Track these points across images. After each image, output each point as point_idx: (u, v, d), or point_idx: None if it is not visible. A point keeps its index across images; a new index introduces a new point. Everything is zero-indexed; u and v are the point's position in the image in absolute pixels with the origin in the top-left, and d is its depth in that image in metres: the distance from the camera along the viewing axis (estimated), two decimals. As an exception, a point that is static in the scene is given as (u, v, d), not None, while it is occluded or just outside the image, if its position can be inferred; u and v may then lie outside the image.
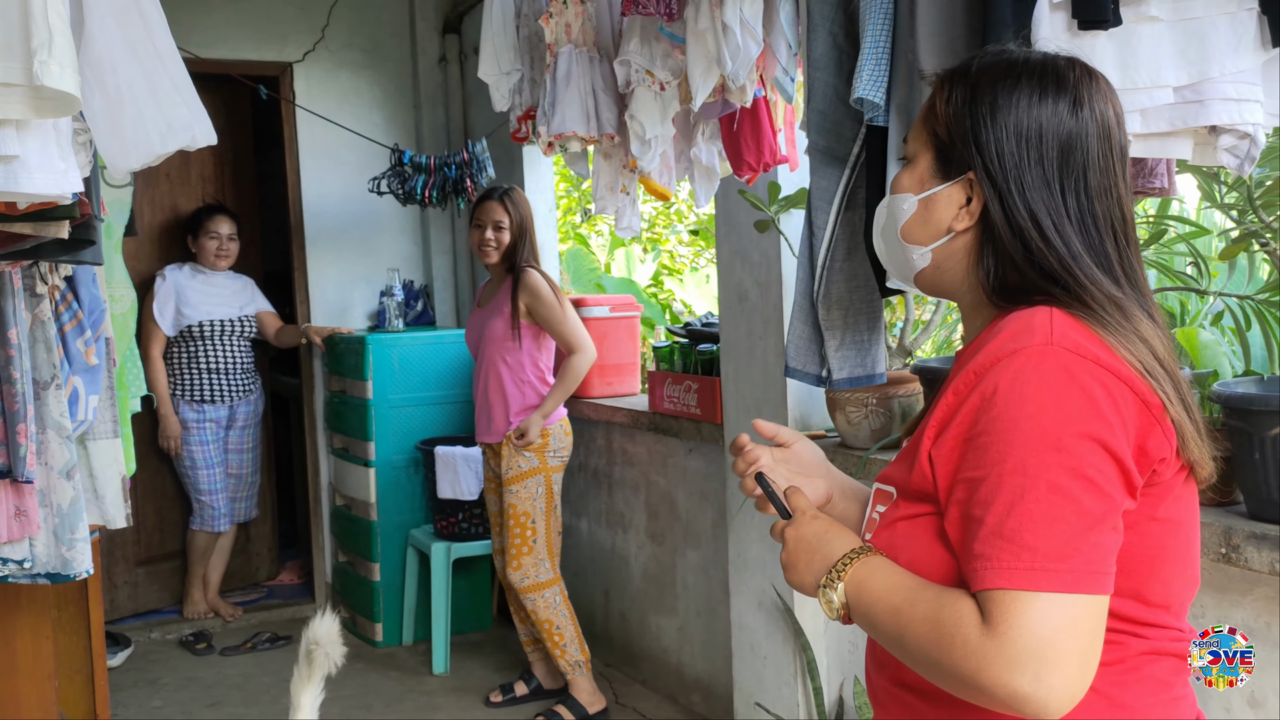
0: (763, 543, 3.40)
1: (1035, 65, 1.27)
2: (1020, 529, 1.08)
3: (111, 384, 2.97)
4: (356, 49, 5.41)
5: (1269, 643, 2.05)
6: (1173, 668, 1.22)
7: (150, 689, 4.47)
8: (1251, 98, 1.78)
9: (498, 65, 3.24)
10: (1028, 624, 1.05)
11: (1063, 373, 1.12)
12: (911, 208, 1.33)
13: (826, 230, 2.33)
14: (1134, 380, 1.15)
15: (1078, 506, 1.08)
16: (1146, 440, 1.14)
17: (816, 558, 1.28)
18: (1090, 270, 1.22)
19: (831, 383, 2.43)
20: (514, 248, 4.02)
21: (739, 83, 2.53)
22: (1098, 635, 1.09)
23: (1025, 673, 1.05)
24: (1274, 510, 1.99)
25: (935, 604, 1.13)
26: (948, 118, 1.29)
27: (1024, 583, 1.07)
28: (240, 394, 5.14)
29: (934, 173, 1.31)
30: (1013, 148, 1.24)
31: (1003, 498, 1.10)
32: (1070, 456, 1.09)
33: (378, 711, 4.18)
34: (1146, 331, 1.20)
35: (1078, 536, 1.08)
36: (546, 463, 3.99)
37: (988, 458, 1.12)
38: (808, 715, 3.32)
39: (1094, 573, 1.08)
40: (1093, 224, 1.24)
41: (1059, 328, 1.17)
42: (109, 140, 1.83)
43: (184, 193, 5.37)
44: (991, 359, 1.17)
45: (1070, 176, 1.24)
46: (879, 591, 1.20)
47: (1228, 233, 2.71)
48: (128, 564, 5.18)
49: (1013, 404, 1.12)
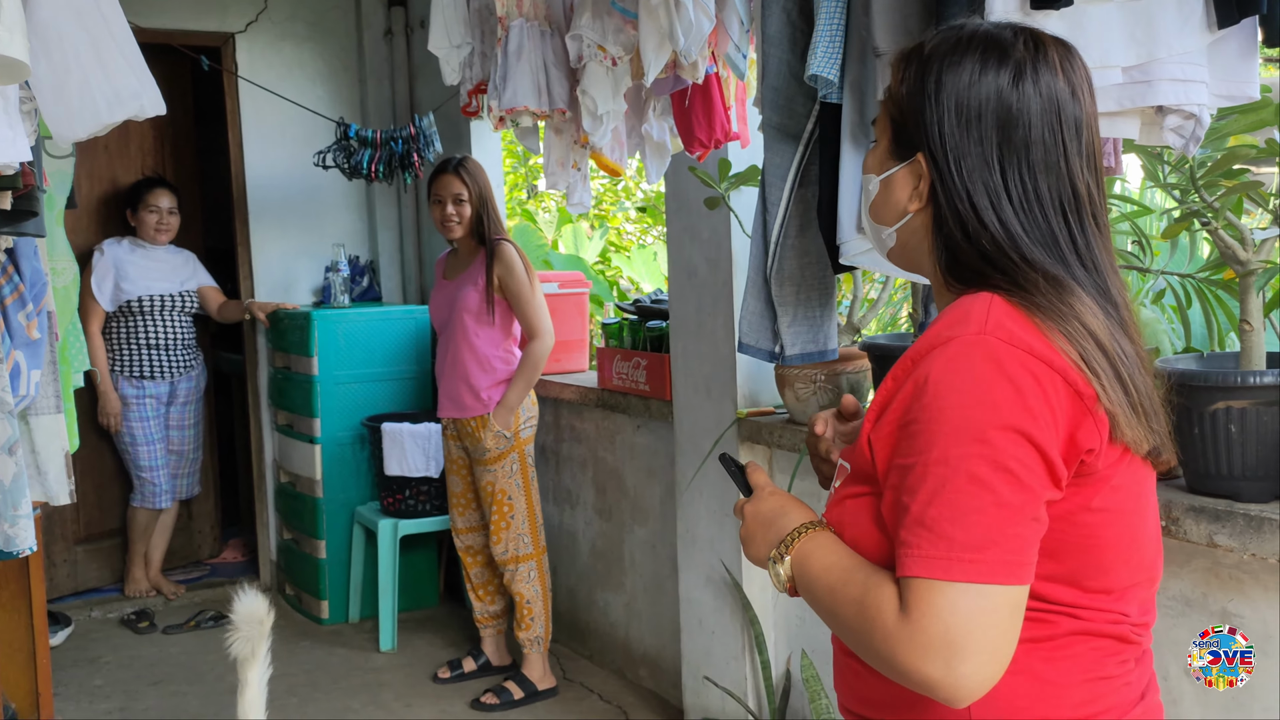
0: (710, 519, 3.42)
1: (980, 39, 1.25)
2: (940, 518, 1.10)
3: (54, 358, 2.92)
4: (300, 20, 5.33)
5: (1205, 612, 2.11)
6: (1109, 649, 1.22)
7: (91, 668, 4.41)
8: (1197, 79, 1.81)
9: (448, 38, 3.21)
10: (939, 612, 1.07)
11: (992, 363, 1.13)
12: (875, 188, 1.33)
13: (780, 207, 2.35)
14: (1067, 370, 1.14)
15: (996, 498, 1.09)
16: (1077, 430, 1.14)
17: (770, 532, 1.30)
18: (1030, 252, 1.20)
19: (784, 358, 2.45)
20: (478, 219, 3.98)
21: (691, 58, 2.52)
22: (1011, 625, 1.10)
23: (936, 660, 1.07)
24: (1212, 484, 2.04)
25: (864, 586, 1.15)
26: (900, 98, 1.28)
27: (939, 572, 1.08)
28: (181, 370, 5.07)
29: (891, 153, 1.31)
30: (952, 126, 1.22)
31: (926, 487, 1.11)
32: (992, 448, 1.10)
33: (324, 689, 4.16)
34: (1088, 317, 1.18)
35: (995, 527, 1.09)
36: (520, 437, 3.99)
37: (916, 445, 1.14)
38: (755, 688, 3.35)
39: (1010, 563, 1.09)
40: (1037, 203, 1.21)
41: (994, 316, 1.16)
42: (55, 109, 1.79)
43: (123, 165, 5.27)
44: (928, 346, 1.18)
45: (1012, 154, 1.22)
46: (818, 569, 1.22)
47: (1170, 212, 2.76)
48: (67, 542, 5.10)
49: (941, 393, 1.13)
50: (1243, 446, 1.98)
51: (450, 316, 4.04)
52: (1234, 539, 1.97)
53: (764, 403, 3.33)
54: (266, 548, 5.42)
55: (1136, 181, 3.30)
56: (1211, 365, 2.19)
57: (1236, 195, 2.14)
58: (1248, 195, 2.15)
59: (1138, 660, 1.26)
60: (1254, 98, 1.92)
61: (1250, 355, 2.10)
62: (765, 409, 3.29)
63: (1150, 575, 1.27)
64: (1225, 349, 2.49)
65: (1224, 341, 2.55)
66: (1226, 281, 2.32)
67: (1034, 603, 1.17)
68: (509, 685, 3.97)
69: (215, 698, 4.05)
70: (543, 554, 4.06)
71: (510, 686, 3.97)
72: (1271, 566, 1.98)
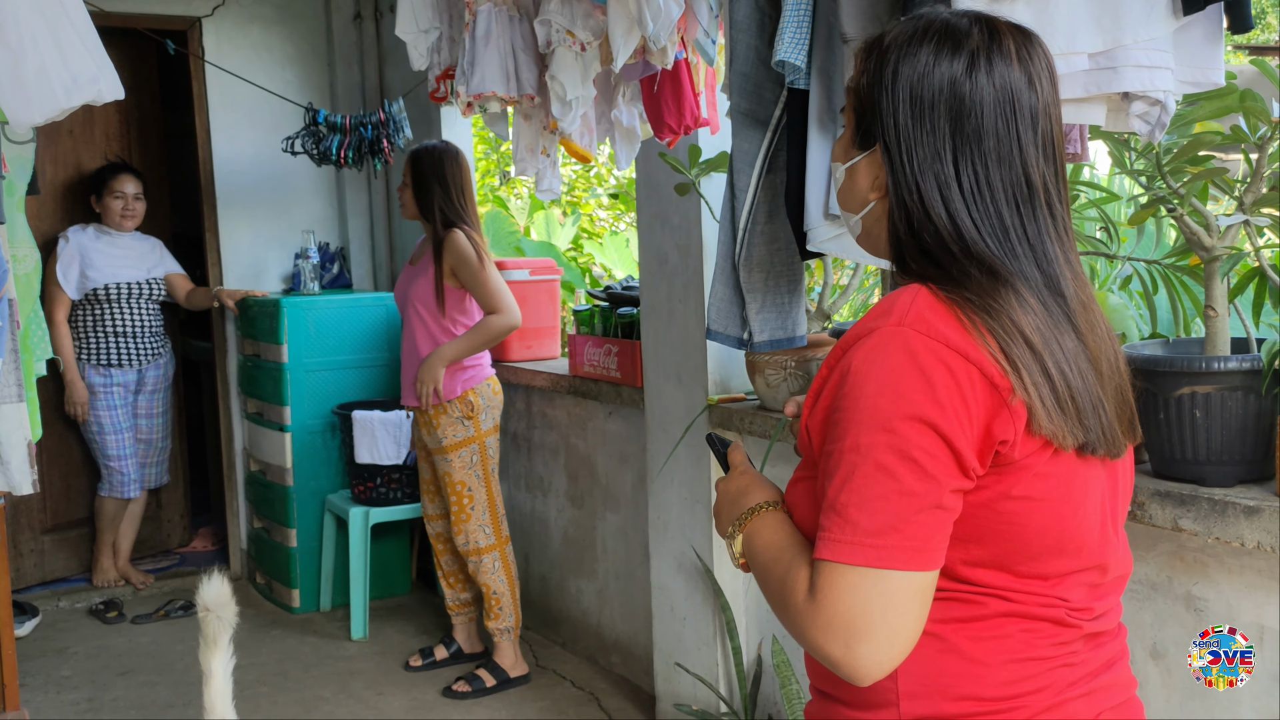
0: (682, 505, 3.42)
1: (936, 28, 1.25)
2: (848, 504, 1.14)
3: (15, 347, 2.88)
4: (268, 4, 5.27)
5: (1170, 595, 2.12)
6: (1044, 631, 1.23)
7: (59, 658, 4.38)
8: (1163, 65, 1.82)
9: (415, 23, 3.18)
10: (839, 595, 1.12)
11: (906, 354, 1.15)
12: (841, 177, 1.34)
13: (748, 193, 2.34)
14: (984, 362, 1.15)
15: (900, 486, 1.12)
16: (993, 421, 1.15)
17: (734, 509, 1.37)
18: (975, 245, 1.20)
19: (753, 345, 2.44)
20: (428, 205, 3.91)
21: (660, 44, 2.51)
22: (911, 609, 1.13)
23: (837, 640, 1.12)
24: (1177, 468, 2.05)
25: (788, 566, 1.22)
26: (861, 88, 1.29)
27: (843, 555, 1.13)
28: (149, 358, 5.02)
29: (854, 143, 1.32)
30: (905, 117, 1.23)
31: (840, 474, 1.16)
32: (898, 437, 1.13)
33: (295, 678, 4.14)
34: (1017, 312, 1.18)
35: (898, 514, 1.12)
36: (480, 427, 3.94)
37: (835, 433, 1.18)
38: (726, 674, 3.36)
39: (909, 549, 1.12)
40: (989, 194, 1.21)
41: (916, 308, 1.18)
42: (11, 93, 1.76)
43: (88, 150, 5.21)
44: (854, 336, 1.21)
45: (965, 145, 1.21)
46: (760, 547, 1.29)
47: (1137, 199, 2.77)
48: (34, 531, 5.05)
49: (857, 383, 1.16)
50: (1208, 431, 1.99)
51: (405, 304, 4.02)
52: (1199, 523, 1.98)
53: (735, 389, 3.33)
54: (237, 536, 5.38)
55: (1104, 168, 3.32)
56: (1177, 351, 2.21)
57: (1202, 182, 2.15)
58: (1213, 182, 2.16)
59: (1086, 642, 1.26)
60: (1219, 84, 1.93)
61: (1215, 341, 2.12)
62: (736, 395, 3.29)
63: (1096, 562, 1.27)
64: (1191, 334, 2.51)
65: (1189, 327, 2.57)
66: (1192, 267, 2.33)
67: (963, 586, 1.21)
68: (481, 673, 3.97)
69: (185, 687, 4.02)
70: (506, 543, 4.03)
71: (482, 674, 3.96)
72: (1235, 550, 2.00)
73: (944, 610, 1.21)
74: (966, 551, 1.19)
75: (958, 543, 1.19)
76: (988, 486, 1.18)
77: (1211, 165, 2.14)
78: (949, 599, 1.21)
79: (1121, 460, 1.31)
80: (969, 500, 1.17)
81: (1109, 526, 1.29)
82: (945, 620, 1.21)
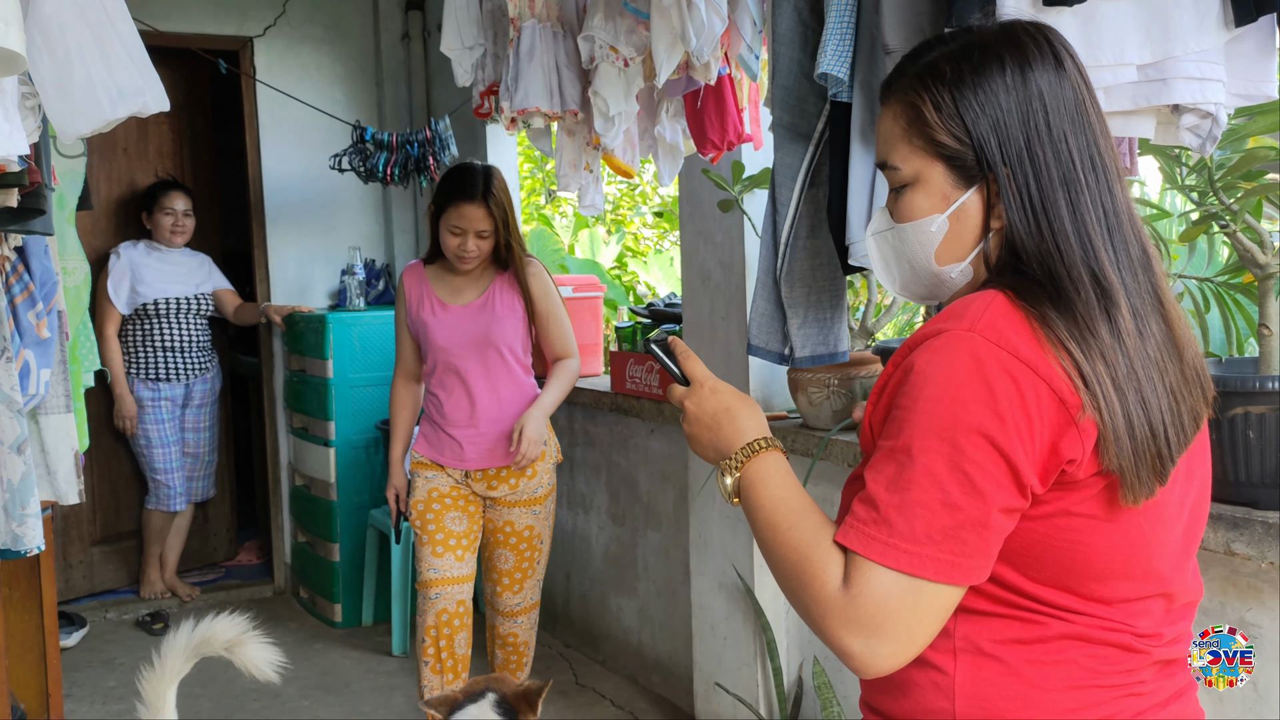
0: (724, 523, 3.39)
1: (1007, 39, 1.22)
2: (888, 504, 1.12)
3: (64, 358, 2.92)
4: (318, 24, 5.34)
5: (1223, 621, 2.07)
6: (1110, 657, 1.19)
7: (105, 669, 4.42)
8: (1214, 77, 1.78)
9: (460, 39, 3.20)
10: (875, 597, 1.11)
11: (971, 361, 1.11)
12: (943, 228, 1.25)
13: (790, 207, 2.32)
14: (1054, 377, 1.11)
15: (945, 497, 1.10)
16: (1060, 439, 1.11)
17: (719, 437, 1.31)
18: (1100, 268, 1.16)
19: (794, 360, 2.42)
20: (498, 246, 3.29)
21: (703, 59, 2.51)
22: (937, 620, 1.12)
23: (858, 636, 1.11)
24: (1230, 491, 2.00)
25: (810, 540, 1.17)
26: (944, 124, 1.22)
27: (876, 554, 1.11)
28: (197, 372, 5.08)
29: (954, 184, 1.23)
30: (1016, 131, 1.19)
31: (887, 472, 1.13)
32: (951, 447, 1.10)
33: (336, 692, 4.15)
34: (1105, 333, 1.13)
35: (936, 525, 1.10)
36: (554, 474, 3.52)
37: (890, 429, 1.16)
38: (766, 695, 3.32)
39: (945, 563, 1.10)
40: (1112, 206, 1.19)
41: (990, 314, 1.14)
42: (57, 104, 1.79)
43: (141, 167, 5.29)
44: (922, 335, 1.18)
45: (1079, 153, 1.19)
46: (766, 498, 1.24)
47: (1188, 215, 2.72)
48: (83, 543, 5.12)
49: (919, 384, 1.14)
50: (1261, 453, 1.94)
51: (482, 349, 3.35)
52: (1252, 547, 1.93)
53: (777, 407, 3.31)
54: (281, 550, 5.42)
55: (1154, 184, 3.26)
56: (1230, 370, 2.16)
57: (1255, 198, 2.11)
58: (1267, 198, 2.11)
59: (1157, 670, 1.22)
60: (1272, 97, 1.89)
61: (1269, 360, 2.07)
62: (779, 414, 3.27)
63: (1163, 590, 1.22)
64: (1244, 354, 2.46)
65: (1242, 346, 2.52)
66: (1245, 285, 2.28)
67: (1024, 600, 1.17)
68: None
69: (228, 700, 4.04)
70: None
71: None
72: (1290, 575, 1.94)
73: (1003, 630, 1.18)
74: (1027, 566, 1.16)
75: (1015, 556, 1.16)
76: (1050, 502, 1.14)
77: (1265, 181, 2.10)
78: (1008, 617, 1.18)
79: (1196, 478, 1.26)
80: (1027, 513, 1.14)
81: (1183, 553, 1.25)
82: (1005, 641, 1.18)
